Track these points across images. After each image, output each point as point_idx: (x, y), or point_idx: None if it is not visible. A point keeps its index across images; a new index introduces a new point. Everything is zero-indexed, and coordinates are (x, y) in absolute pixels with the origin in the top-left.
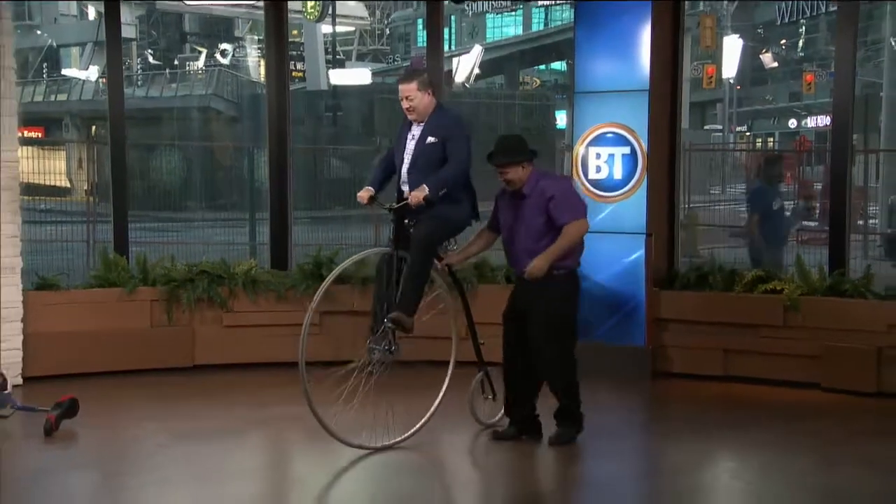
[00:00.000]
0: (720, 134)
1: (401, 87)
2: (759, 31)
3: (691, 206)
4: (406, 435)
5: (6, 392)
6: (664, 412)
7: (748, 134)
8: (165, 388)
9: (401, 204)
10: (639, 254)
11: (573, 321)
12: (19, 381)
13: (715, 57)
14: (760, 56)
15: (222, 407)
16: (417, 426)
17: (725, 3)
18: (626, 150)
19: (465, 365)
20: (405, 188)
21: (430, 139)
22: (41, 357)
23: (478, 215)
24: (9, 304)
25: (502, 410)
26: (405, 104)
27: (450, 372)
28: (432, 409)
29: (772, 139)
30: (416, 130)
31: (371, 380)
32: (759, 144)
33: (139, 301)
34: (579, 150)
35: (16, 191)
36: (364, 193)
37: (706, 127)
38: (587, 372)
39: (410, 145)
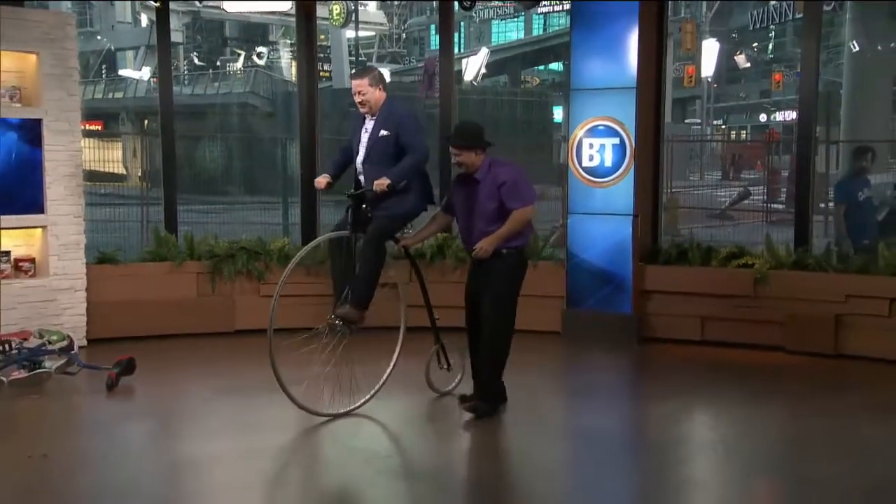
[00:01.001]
0: (699, 127)
1: (353, 82)
2: (734, 35)
3: (673, 190)
4: (365, 399)
5: (73, 352)
6: (648, 372)
7: (723, 127)
8: (210, 350)
9: (359, 192)
10: (626, 233)
11: (515, 297)
12: (84, 342)
13: (694, 58)
14: (735, 57)
15: (260, 366)
16: (376, 388)
17: (704, 10)
18: (616, 140)
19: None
20: (361, 178)
21: (383, 132)
22: (102, 322)
23: (433, 200)
24: (74, 276)
25: (457, 379)
26: (357, 98)
27: (398, 346)
28: (386, 374)
29: (744, 131)
30: (369, 124)
31: (334, 350)
32: (733, 136)
33: (186, 273)
34: (574, 140)
35: (79, 177)
36: (321, 179)
37: (686, 121)
38: (582, 337)
39: (364, 138)
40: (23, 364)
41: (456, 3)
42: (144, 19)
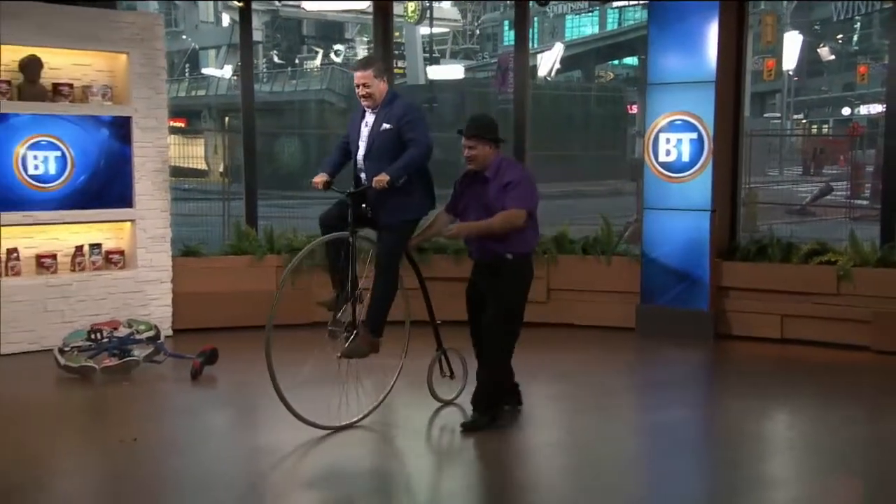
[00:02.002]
0: (778, 121)
1: (357, 74)
2: (817, 27)
3: (751, 186)
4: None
5: (160, 342)
6: (725, 369)
7: (804, 121)
8: (288, 341)
9: (359, 189)
10: (703, 228)
11: (521, 308)
12: (169, 332)
13: (775, 51)
14: (818, 50)
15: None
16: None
17: (785, 2)
18: (694, 135)
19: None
20: (361, 175)
21: (385, 126)
22: (186, 313)
23: (434, 202)
24: (160, 268)
25: (461, 387)
26: (361, 91)
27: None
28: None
29: (826, 126)
30: (369, 118)
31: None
32: (814, 131)
33: (266, 266)
34: (650, 135)
35: (166, 172)
36: (319, 179)
37: (765, 115)
38: (656, 333)
39: (365, 132)
40: (113, 352)
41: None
42: (226, 19)
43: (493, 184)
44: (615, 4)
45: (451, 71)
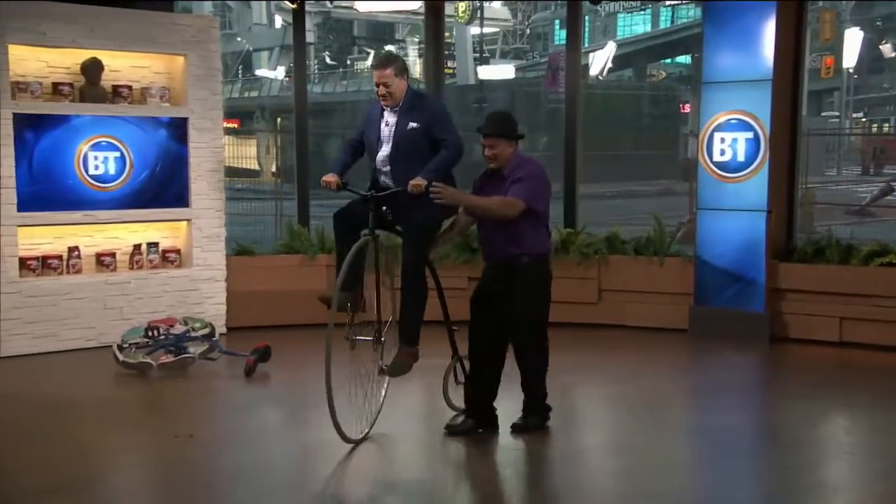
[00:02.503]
0: (836, 120)
1: (377, 73)
2: (878, 23)
3: (808, 186)
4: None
5: (214, 339)
6: (781, 372)
7: (864, 120)
8: (339, 339)
9: (391, 192)
10: (759, 229)
11: (547, 313)
12: (224, 330)
13: (834, 48)
14: (879, 47)
15: (389, 356)
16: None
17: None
18: (749, 134)
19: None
20: (386, 174)
21: (413, 125)
22: (240, 311)
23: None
24: (215, 267)
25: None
26: (381, 90)
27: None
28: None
29: (887, 125)
30: (389, 117)
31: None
32: (874, 129)
33: (318, 266)
34: (704, 135)
35: (221, 172)
36: (331, 179)
37: (823, 113)
38: (710, 335)
39: (387, 131)
40: (169, 349)
41: None
42: (279, 21)
43: (510, 180)
44: (668, 3)
45: (501, 71)
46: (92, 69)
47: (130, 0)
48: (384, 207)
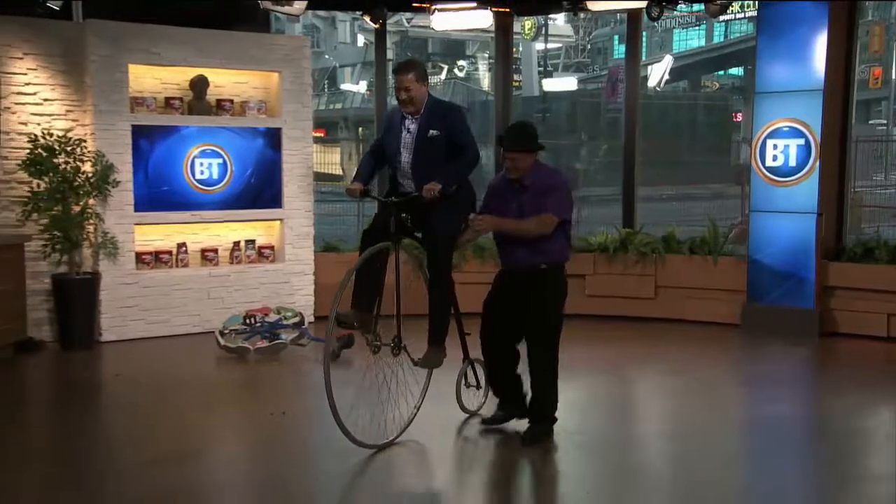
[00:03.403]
0: (884, 127)
1: (399, 78)
2: None
3: (856, 190)
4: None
5: (304, 327)
6: (831, 365)
7: None
8: (414, 329)
9: (409, 198)
10: (810, 230)
11: (561, 321)
12: (312, 319)
13: (882, 60)
14: None
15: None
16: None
17: (894, 12)
18: (801, 141)
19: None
20: (407, 182)
21: (433, 132)
22: (326, 302)
23: (475, 207)
24: (304, 262)
25: (483, 398)
26: (402, 95)
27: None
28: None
29: None
30: (410, 123)
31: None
32: None
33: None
34: (757, 141)
35: (310, 177)
36: (355, 187)
37: (871, 121)
38: (762, 330)
39: (407, 139)
40: (265, 335)
41: (645, 15)
42: (361, 39)
43: (531, 191)
44: (721, 18)
45: (564, 83)
46: (199, 85)
47: (233, 23)
48: (403, 214)
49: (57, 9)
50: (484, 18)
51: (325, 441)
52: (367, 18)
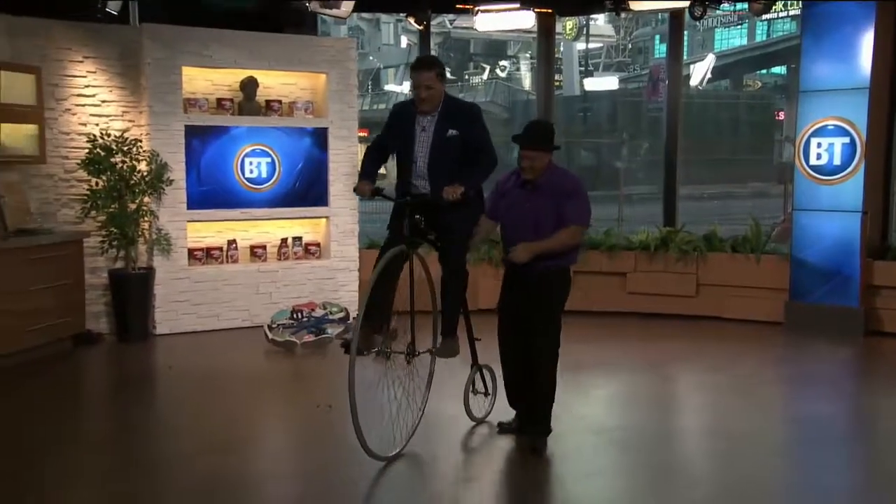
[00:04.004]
0: None
1: (419, 75)
2: None
3: None
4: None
5: (349, 322)
6: (875, 364)
7: None
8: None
9: (433, 200)
10: (854, 229)
11: (560, 318)
12: (356, 314)
13: None
14: None
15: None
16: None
17: None
18: (846, 139)
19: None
20: (421, 182)
21: (452, 132)
22: None
23: (484, 207)
24: (349, 259)
25: (490, 407)
26: (423, 93)
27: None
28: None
29: None
30: (425, 122)
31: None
32: None
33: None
34: (801, 140)
35: (355, 175)
36: (365, 187)
37: None
38: (805, 328)
39: (423, 137)
40: (311, 330)
41: (687, 14)
42: (404, 41)
43: (545, 191)
44: (764, 17)
45: (606, 82)
46: (249, 86)
47: (281, 26)
48: (417, 216)
49: (115, 14)
50: (526, 19)
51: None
52: (410, 20)
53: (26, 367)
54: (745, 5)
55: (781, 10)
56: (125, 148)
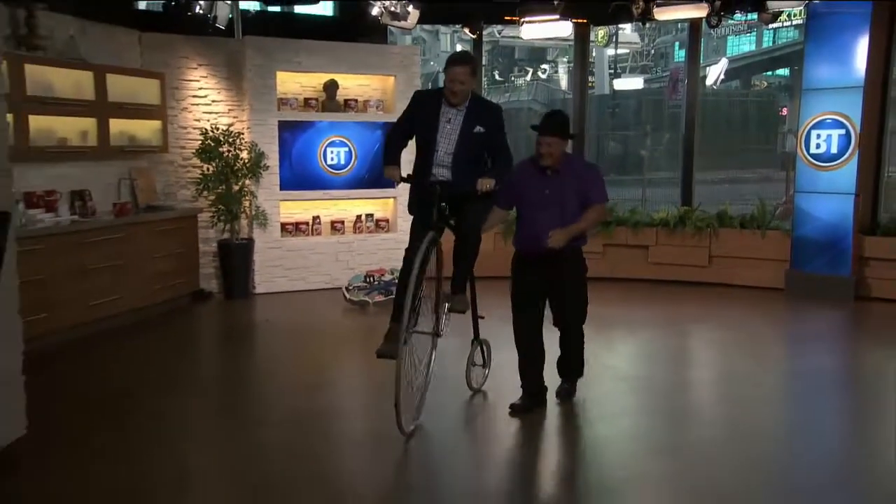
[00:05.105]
0: None
1: (455, 69)
2: None
3: (890, 174)
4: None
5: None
6: (864, 325)
7: None
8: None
9: (456, 189)
10: (848, 208)
11: (587, 292)
12: None
13: None
14: None
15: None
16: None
17: None
18: (842, 131)
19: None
20: (441, 171)
21: (479, 128)
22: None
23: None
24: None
25: (485, 377)
26: (455, 87)
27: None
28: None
29: None
30: (451, 114)
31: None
32: None
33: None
34: (803, 132)
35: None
36: (396, 172)
37: None
38: (803, 293)
39: (448, 128)
40: (381, 291)
41: (704, 23)
42: (459, 48)
43: (565, 178)
44: (771, 26)
45: (631, 83)
46: (331, 88)
47: (357, 36)
48: (443, 203)
49: (223, 28)
50: (565, 28)
51: (434, 378)
52: (466, 30)
53: (155, 318)
54: (755, 15)
55: (786, 21)
56: (230, 139)
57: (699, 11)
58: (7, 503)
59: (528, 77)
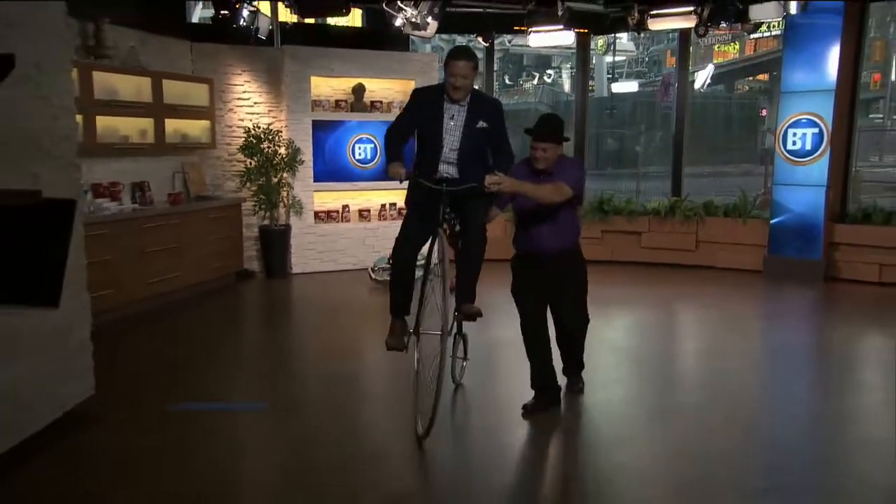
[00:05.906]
0: (881, 120)
1: (459, 63)
2: None
3: (857, 168)
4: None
5: (430, 268)
6: (834, 303)
7: None
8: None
9: (463, 187)
10: (820, 199)
11: (586, 292)
12: (436, 262)
13: (881, 67)
14: None
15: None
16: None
17: (892, 30)
18: (816, 130)
19: None
20: (446, 168)
21: (482, 124)
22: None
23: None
24: None
25: (463, 369)
26: (458, 82)
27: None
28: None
29: None
30: (454, 110)
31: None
32: None
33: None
34: (780, 130)
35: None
36: (401, 170)
37: (870, 115)
38: (780, 276)
39: (451, 125)
40: None
41: (693, 33)
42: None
43: (559, 177)
44: (753, 35)
45: (628, 87)
46: (359, 91)
47: (382, 44)
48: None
49: (264, 39)
50: (568, 37)
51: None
52: (479, 39)
53: (205, 294)
54: (739, 25)
55: (766, 31)
56: (270, 137)
57: (688, 22)
58: (89, 450)
59: (535, 81)
